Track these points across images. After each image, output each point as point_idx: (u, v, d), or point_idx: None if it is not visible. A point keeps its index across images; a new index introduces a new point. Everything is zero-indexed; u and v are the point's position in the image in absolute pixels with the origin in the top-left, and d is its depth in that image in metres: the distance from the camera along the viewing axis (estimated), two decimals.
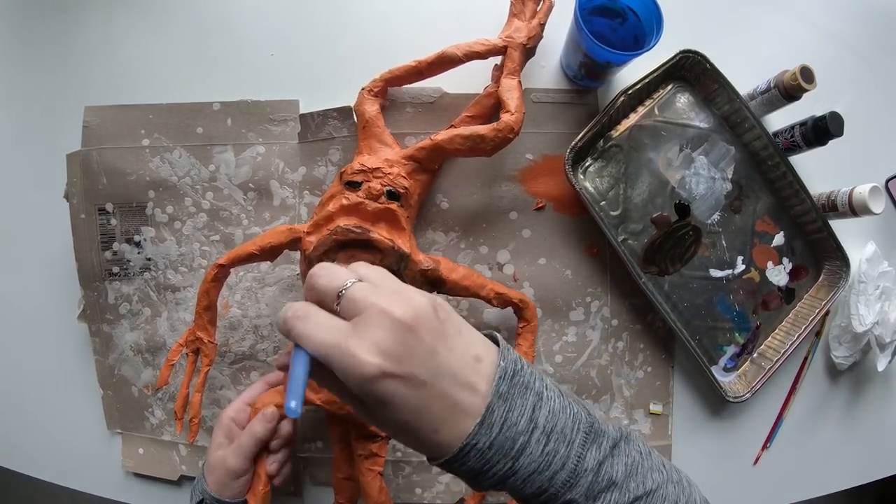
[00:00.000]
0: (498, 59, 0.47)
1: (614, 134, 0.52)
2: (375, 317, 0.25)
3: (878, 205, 0.48)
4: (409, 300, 0.26)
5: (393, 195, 0.44)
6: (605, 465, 0.28)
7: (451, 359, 0.26)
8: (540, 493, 0.27)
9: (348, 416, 0.44)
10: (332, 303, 0.27)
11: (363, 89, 0.46)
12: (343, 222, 0.42)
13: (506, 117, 0.43)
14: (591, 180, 0.52)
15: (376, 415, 0.26)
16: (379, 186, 0.43)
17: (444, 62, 0.45)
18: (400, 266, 0.43)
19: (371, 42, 0.46)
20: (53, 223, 0.54)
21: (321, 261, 0.42)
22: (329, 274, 0.28)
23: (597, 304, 0.53)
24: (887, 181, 0.55)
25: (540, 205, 0.52)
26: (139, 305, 0.54)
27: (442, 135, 0.44)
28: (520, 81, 0.45)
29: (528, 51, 0.46)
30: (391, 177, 0.43)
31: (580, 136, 0.49)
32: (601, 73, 0.50)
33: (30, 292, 0.56)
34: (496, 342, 0.29)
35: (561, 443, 0.27)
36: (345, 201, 0.43)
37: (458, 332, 0.27)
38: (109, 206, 0.53)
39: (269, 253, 0.45)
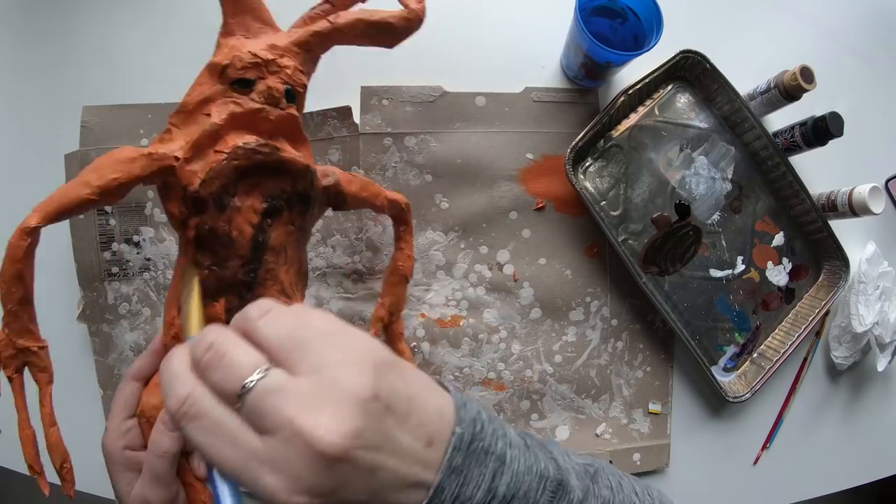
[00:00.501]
0: None
1: (615, 134, 0.52)
2: (293, 445, 0.18)
3: (878, 205, 0.48)
4: (340, 404, 0.19)
5: (290, 96, 0.33)
6: None
7: (396, 463, 0.20)
8: None
9: None
10: (232, 402, 0.20)
11: None
12: (239, 140, 0.31)
13: (413, 4, 0.35)
14: (591, 180, 0.52)
15: None
16: (280, 85, 0.32)
17: None
18: (309, 189, 0.34)
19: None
20: (52, 224, 0.54)
21: (221, 199, 0.30)
22: (223, 362, 0.20)
23: (596, 304, 0.53)
24: (887, 181, 0.55)
25: (540, 205, 0.52)
26: (139, 306, 0.54)
27: (343, 17, 0.34)
28: None
29: None
30: (288, 71, 0.32)
31: (580, 135, 0.49)
32: (601, 74, 0.50)
33: None
34: (447, 390, 0.24)
35: None
36: (235, 108, 0.31)
37: (408, 414, 0.21)
38: (108, 207, 0.53)
39: (114, 193, 0.30)
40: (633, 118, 0.52)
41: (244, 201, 0.31)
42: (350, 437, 0.19)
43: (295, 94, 0.33)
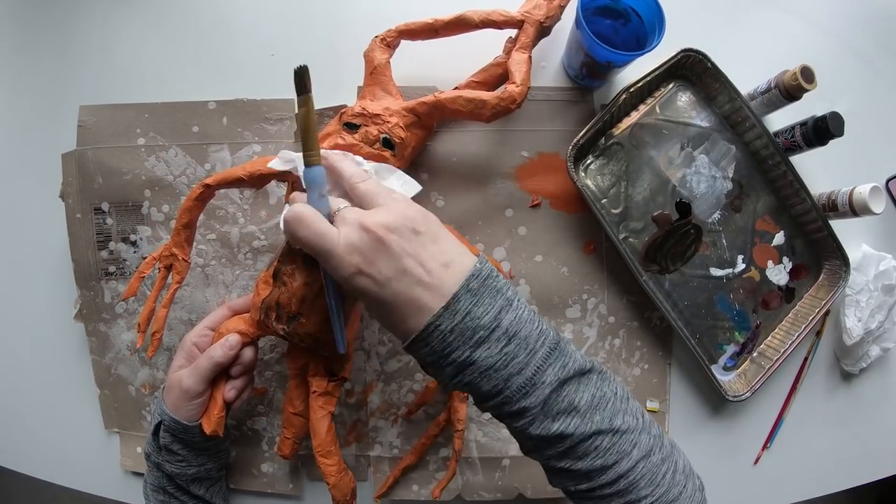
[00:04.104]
0: (512, 33, 0.47)
1: (616, 132, 0.51)
2: (356, 228, 0.31)
3: (878, 205, 0.48)
4: (387, 213, 0.31)
5: (388, 143, 0.43)
6: (568, 388, 0.30)
7: (413, 265, 0.30)
8: (496, 392, 0.30)
9: (308, 349, 0.43)
10: (333, 212, 0.33)
11: (376, 37, 0.46)
12: None
13: (511, 88, 0.43)
14: (592, 178, 0.51)
15: (364, 303, 0.33)
16: (376, 132, 0.43)
17: (460, 24, 0.45)
18: None
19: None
20: (49, 223, 0.54)
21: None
22: (339, 172, 0.35)
23: (593, 302, 0.52)
24: (887, 181, 0.55)
25: (536, 202, 0.52)
26: (135, 305, 0.53)
27: (446, 94, 0.44)
28: (530, 57, 0.45)
29: (544, 29, 0.46)
30: (389, 125, 0.43)
31: (582, 133, 0.49)
32: (603, 73, 0.49)
33: (26, 292, 0.56)
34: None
35: (521, 348, 0.30)
36: (339, 140, 0.43)
37: (434, 241, 0.31)
38: (105, 206, 0.53)
39: (258, 180, 0.44)
40: (634, 116, 0.52)
41: None
42: (385, 226, 0.30)
43: (392, 143, 0.44)
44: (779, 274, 0.53)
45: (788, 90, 0.47)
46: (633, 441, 0.32)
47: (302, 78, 0.36)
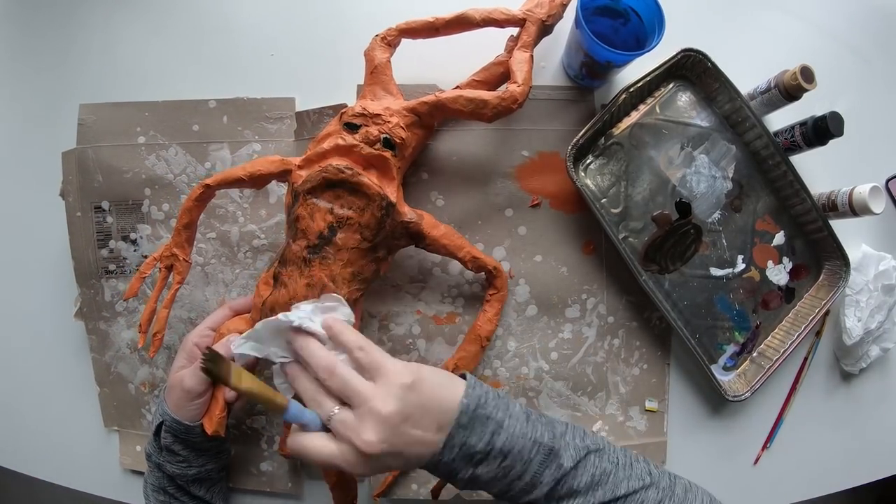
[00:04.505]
0: (514, 31, 0.47)
1: (615, 132, 0.51)
2: (351, 450, 0.33)
3: (878, 205, 0.48)
4: (372, 422, 0.33)
5: (389, 143, 0.43)
6: (566, 479, 0.34)
7: (412, 446, 0.33)
8: (502, 493, 0.35)
9: None
10: (325, 420, 0.35)
11: (377, 36, 0.46)
12: (335, 162, 0.42)
13: (512, 87, 0.43)
14: (592, 178, 0.51)
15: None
16: (376, 132, 0.43)
17: (461, 23, 0.45)
18: (384, 214, 0.43)
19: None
20: (49, 221, 0.54)
21: (308, 196, 0.42)
22: (317, 401, 0.35)
23: (593, 302, 0.52)
24: (887, 181, 0.55)
25: (535, 202, 0.52)
26: (135, 303, 0.53)
27: (447, 93, 0.44)
28: (532, 56, 0.45)
29: (546, 27, 0.46)
30: (390, 125, 0.43)
31: (582, 133, 0.49)
32: (602, 73, 0.49)
33: (26, 290, 0.56)
34: (464, 379, 0.36)
35: (517, 460, 0.34)
36: (340, 141, 0.43)
37: (425, 412, 0.34)
38: (105, 204, 0.53)
39: (258, 180, 0.45)
40: (634, 116, 0.52)
41: (325, 204, 0.42)
42: (378, 444, 0.33)
43: (393, 143, 0.44)
44: (779, 274, 0.53)
45: (788, 90, 0.47)
46: (640, 499, 0.35)
47: (214, 373, 0.34)
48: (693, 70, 0.51)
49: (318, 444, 0.34)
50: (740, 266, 0.52)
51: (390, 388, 0.34)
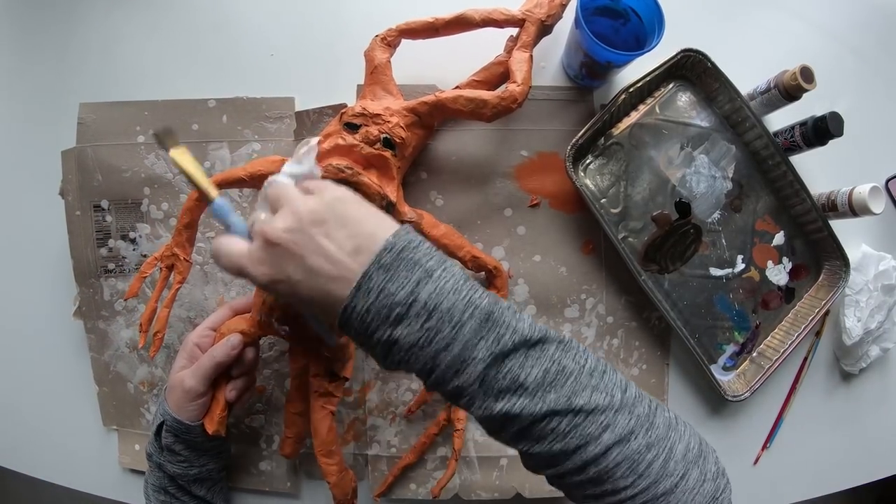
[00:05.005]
0: (513, 31, 0.47)
1: (615, 132, 0.51)
2: (259, 240, 0.31)
3: (878, 205, 0.48)
4: (287, 215, 0.30)
5: (389, 143, 0.43)
6: (510, 362, 0.28)
7: (319, 261, 0.29)
8: (427, 371, 0.28)
9: (308, 351, 0.44)
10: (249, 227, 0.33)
11: (377, 36, 0.46)
12: (335, 161, 0.42)
13: (511, 87, 0.43)
14: (591, 178, 0.51)
15: (291, 298, 0.32)
16: (376, 132, 0.43)
17: (461, 23, 0.45)
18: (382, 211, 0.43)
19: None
20: (49, 220, 0.54)
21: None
22: (224, 216, 0.34)
23: (592, 301, 0.52)
24: (887, 181, 0.55)
25: (535, 202, 0.52)
26: (134, 302, 0.53)
27: (447, 93, 0.44)
28: (531, 56, 0.45)
29: (546, 27, 0.46)
30: (390, 125, 0.43)
31: (581, 133, 0.49)
32: (602, 73, 0.49)
33: (25, 289, 0.56)
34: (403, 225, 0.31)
35: (445, 322, 0.27)
36: (340, 141, 0.43)
37: (341, 226, 0.30)
38: (105, 203, 0.53)
39: (259, 180, 0.44)
40: (633, 116, 0.52)
41: None
42: (281, 230, 0.30)
43: (393, 143, 0.44)
44: (779, 274, 0.53)
45: (788, 90, 0.47)
46: (604, 423, 0.27)
47: (161, 140, 0.35)
48: (693, 70, 0.51)
49: (232, 244, 0.32)
50: (740, 266, 0.52)
51: (320, 197, 0.31)
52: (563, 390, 0.28)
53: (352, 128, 0.43)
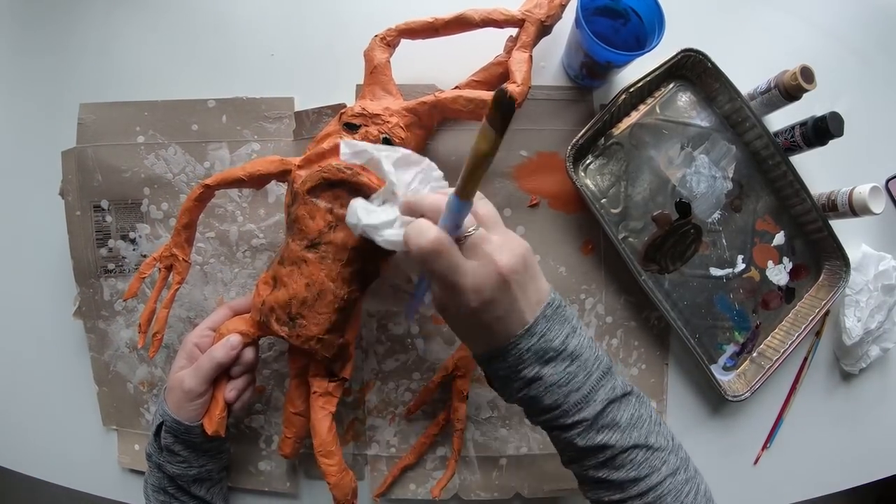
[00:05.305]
0: (513, 31, 0.47)
1: (615, 132, 0.51)
2: (488, 265, 0.32)
3: (878, 205, 0.48)
4: (511, 251, 0.33)
5: (388, 143, 0.43)
6: (612, 406, 0.35)
7: (523, 301, 0.33)
8: (555, 406, 0.34)
9: (308, 351, 0.43)
10: (461, 242, 0.33)
11: (376, 36, 0.46)
12: (335, 161, 0.42)
13: (511, 87, 0.43)
14: (591, 178, 0.51)
15: (455, 320, 0.36)
16: (376, 132, 0.43)
17: (460, 23, 0.45)
18: None
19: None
20: (49, 220, 0.54)
21: (308, 196, 0.42)
22: (458, 222, 0.33)
23: (591, 301, 0.52)
24: (887, 181, 0.55)
25: (534, 202, 0.52)
26: (134, 302, 0.53)
27: (446, 93, 0.44)
28: (531, 56, 0.45)
29: (545, 28, 0.46)
30: (389, 125, 0.43)
31: (581, 133, 0.49)
32: (602, 74, 0.49)
33: (25, 289, 0.56)
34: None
35: (581, 369, 0.34)
36: (339, 141, 0.43)
37: (533, 279, 0.34)
38: (105, 203, 0.53)
39: (258, 180, 0.45)
40: (634, 116, 0.52)
41: (325, 204, 0.42)
42: (512, 267, 0.33)
43: (393, 143, 0.43)
44: (779, 274, 0.53)
45: (788, 90, 0.47)
46: (664, 459, 0.35)
47: (506, 114, 0.29)
48: (693, 70, 0.51)
49: (454, 251, 0.32)
50: (740, 266, 0.52)
51: (521, 242, 0.34)
52: (642, 431, 0.35)
53: (351, 128, 0.43)
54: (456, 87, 0.47)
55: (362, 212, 0.38)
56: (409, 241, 0.33)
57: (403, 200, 0.37)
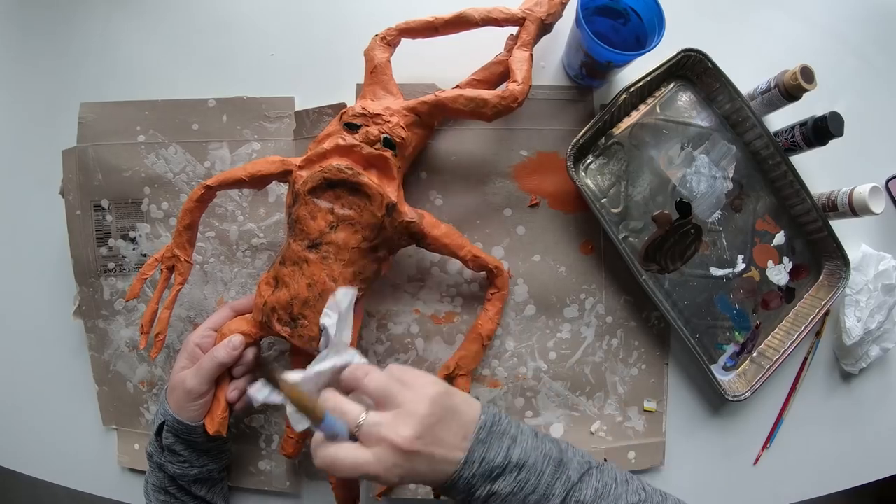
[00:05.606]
0: (513, 30, 0.47)
1: (616, 131, 0.51)
2: (386, 448, 0.33)
3: (878, 205, 0.48)
4: (409, 418, 0.34)
5: (389, 143, 0.43)
6: (574, 492, 0.36)
7: (442, 451, 0.34)
8: None
9: (310, 351, 0.43)
10: (354, 431, 0.34)
11: (376, 36, 0.46)
12: (336, 162, 0.42)
13: (512, 86, 0.43)
14: (592, 177, 0.51)
15: (395, 484, 0.36)
16: (377, 132, 0.43)
17: (460, 22, 0.45)
18: (385, 214, 0.43)
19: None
20: (49, 219, 0.54)
21: (309, 196, 0.42)
22: (342, 410, 0.35)
23: (591, 301, 0.52)
24: (887, 181, 0.55)
25: (534, 201, 0.52)
26: (134, 301, 0.53)
27: (447, 93, 0.44)
28: (531, 55, 0.45)
29: (546, 26, 0.46)
30: (390, 125, 0.43)
31: (582, 133, 0.49)
32: (603, 73, 0.49)
33: (25, 288, 0.56)
34: (478, 401, 0.37)
35: (531, 473, 0.35)
36: (340, 141, 0.43)
37: (454, 416, 0.35)
38: (105, 203, 0.53)
39: (259, 181, 0.45)
40: (634, 116, 0.52)
41: (326, 204, 0.42)
42: (413, 438, 0.33)
43: (393, 143, 0.44)
44: (779, 274, 0.53)
45: (788, 90, 0.47)
46: None
47: (270, 378, 0.34)
48: (693, 70, 0.51)
49: (350, 453, 0.34)
50: (740, 266, 0.52)
51: (425, 393, 0.35)
52: (609, 499, 0.36)
53: (352, 128, 0.43)
54: (456, 87, 0.47)
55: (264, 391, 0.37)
56: (318, 463, 0.34)
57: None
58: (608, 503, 0.36)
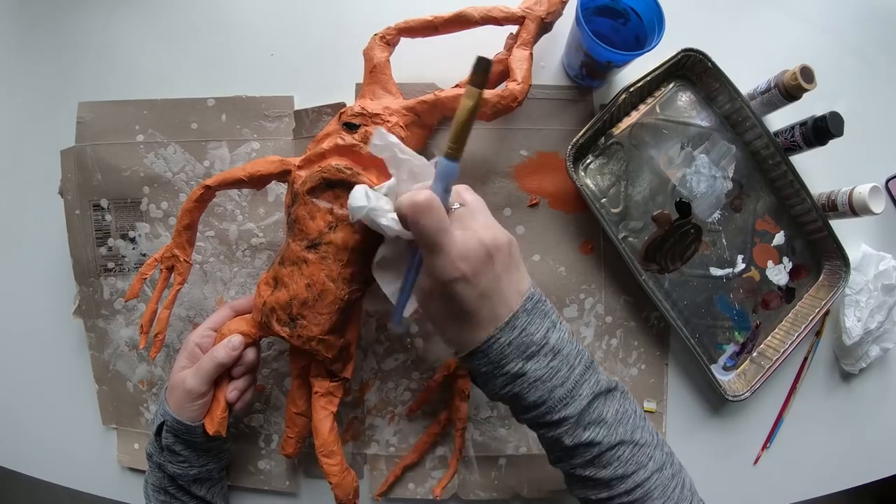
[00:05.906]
0: (513, 29, 0.47)
1: (616, 131, 0.51)
2: (473, 238, 0.33)
3: (878, 205, 0.48)
4: (495, 232, 0.34)
5: None
6: (598, 402, 0.34)
7: (505, 285, 0.34)
8: (540, 402, 0.34)
9: (309, 351, 0.43)
10: (448, 210, 0.34)
11: (376, 35, 0.46)
12: (335, 162, 0.42)
13: (511, 86, 0.43)
14: (591, 177, 0.51)
15: (438, 306, 0.35)
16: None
17: (460, 21, 0.45)
18: None
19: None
20: (48, 219, 0.54)
21: (308, 196, 0.42)
22: (448, 180, 0.34)
23: (591, 301, 0.52)
24: (887, 181, 0.55)
25: (534, 201, 0.52)
26: (134, 301, 0.53)
27: (446, 92, 0.44)
28: (531, 53, 0.45)
29: (546, 25, 0.46)
30: (389, 124, 0.43)
31: (582, 132, 0.49)
32: (602, 73, 0.49)
33: (25, 288, 0.56)
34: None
35: (564, 364, 0.34)
36: (339, 141, 0.43)
37: (517, 268, 0.35)
38: (104, 202, 0.53)
39: (258, 181, 0.45)
40: (634, 116, 0.52)
41: (325, 204, 0.42)
42: (497, 245, 0.33)
43: None
44: (779, 274, 0.53)
45: (788, 90, 0.47)
46: (650, 455, 0.35)
47: (484, 72, 0.33)
48: (693, 70, 0.51)
49: (443, 211, 0.32)
50: (740, 266, 0.52)
51: (505, 232, 0.35)
52: (627, 426, 0.35)
53: (351, 127, 0.43)
54: (456, 86, 0.47)
55: (368, 196, 0.37)
56: (402, 203, 0.33)
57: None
58: (626, 429, 0.35)
